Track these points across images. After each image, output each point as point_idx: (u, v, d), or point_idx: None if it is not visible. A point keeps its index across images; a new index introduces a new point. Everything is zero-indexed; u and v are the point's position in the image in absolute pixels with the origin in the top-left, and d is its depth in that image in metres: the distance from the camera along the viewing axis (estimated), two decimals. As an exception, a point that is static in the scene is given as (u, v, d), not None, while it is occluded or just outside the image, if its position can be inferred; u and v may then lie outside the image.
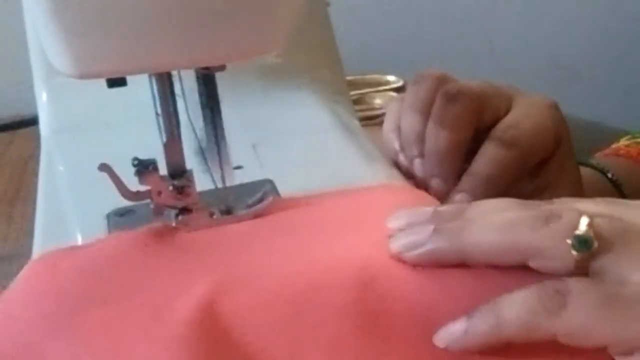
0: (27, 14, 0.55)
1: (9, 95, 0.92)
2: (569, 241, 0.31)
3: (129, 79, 0.37)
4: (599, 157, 0.62)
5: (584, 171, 0.56)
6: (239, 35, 0.35)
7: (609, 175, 0.57)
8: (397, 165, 0.50)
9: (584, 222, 0.32)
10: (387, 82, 0.91)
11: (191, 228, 0.39)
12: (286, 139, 0.50)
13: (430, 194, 0.45)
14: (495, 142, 0.46)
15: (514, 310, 0.31)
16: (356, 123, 0.56)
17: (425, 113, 0.48)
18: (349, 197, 0.41)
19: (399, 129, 0.49)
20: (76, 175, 0.47)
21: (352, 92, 0.72)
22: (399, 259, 0.35)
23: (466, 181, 0.46)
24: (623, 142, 0.64)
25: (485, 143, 0.47)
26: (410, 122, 0.48)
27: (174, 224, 0.39)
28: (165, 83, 0.38)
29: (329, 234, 0.38)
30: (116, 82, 0.37)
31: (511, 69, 1.26)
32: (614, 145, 0.64)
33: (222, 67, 0.38)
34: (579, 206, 0.34)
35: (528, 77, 1.26)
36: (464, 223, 0.34)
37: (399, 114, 0.50)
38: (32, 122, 0.74)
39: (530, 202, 0.35)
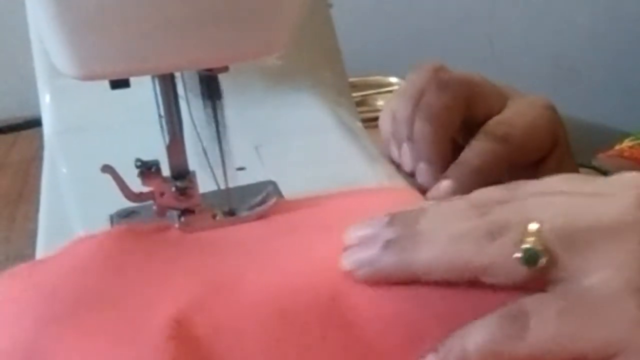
0: (30, 15, 0.55)
1: (13, 97, 0.92)
2: (517, 255, 0.31)
3: (132, 80, 0.37)
4: (602, 159, 0.62)
5: (586, 173, 0.56)
6: (241, 37, 0.35)
7: None
8: (388, 157, 0.49)
9: (531, 234, 0.31)
10: (390, 84, 0.91)
11: (193, 229, 0.39)
12: (289, 140, 0.50)
13: (417, 179, 0.45)
14: (486, 136, 0.46)
15: (479, 341, 0.30)
16: (358, 124, 0.56)
17: (417, 99, 0.47)
18: (351, 199, 0.41)
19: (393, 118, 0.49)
20: (79, 176, 0.47)
21: (355, 94, 0.72)
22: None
23: (454, 169, 0.45)
24: (627, 143, 0.63)
25: (476, 136, 0.46)
26: (402, 107, 0.48)
27: (176, 225, 0.39)
28: (168, 84, 0.38)
29: (330, 235, 0.38)
30: (119, 83, 0.37)
31: (512, 70, 1.26)
32: (617, 147, 0.64)
33: (224, 69, 0.38)
34: (531, 207, 0.33)
35: (529, 77, 1.26)
36: (413, 238, 0.33)
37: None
38: (35, 123, 0.74)
39: (484, 201, 0.34)
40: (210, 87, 0.40)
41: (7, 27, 0.90)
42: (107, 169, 0.38)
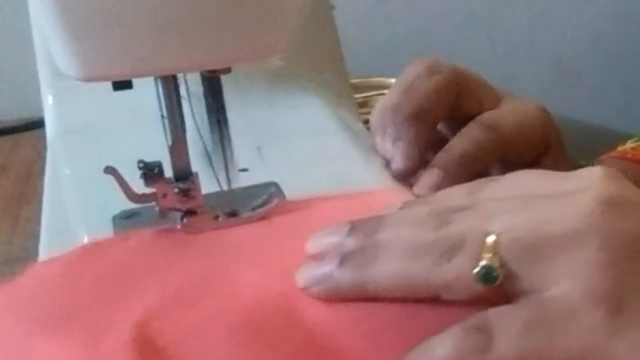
0: (33, 17, 0.56)
1: (15, 98, 0.92)
2: (475, 271, 0.30)
3: (134, 81, 0.37)
4: (606, 160, 0.61)
5: None
6: (244, 38, 0.35)
7: None
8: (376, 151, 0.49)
9: (488, 248, 0.31)
10: (391, 85, 0.91)
11: (196, 230, 0.39)
12: (291, 141, 0.50)
13: (392, 163, 0.45)
14: (475, 124, 0.45)
15: (442, 354, 0.30)
16: (360, 126, 0.56)
17: (405, 88, 0.47)
18: (353, 200, 0.41)
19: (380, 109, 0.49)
20: (82, 177, 0.47)
21: (357, 95, 0.72)
22: None
23: (440, 156, 0.45)
24: (630, 144, 0.63)
25: (465, 127, 0.46)
26: (389, 96, 0.48)
27: (179, 227, 0.39)
28: (170, 86, 0.38)
29: None
30: (122, 84, 0.37)
31: (514, 71, 1.26)
32: (620, 148, 0.63)
33: (227, 70, 0.38)
34: (489, 216, 0.32)
35: (530, 79, 1.27)
36: (370, 254, 0.33)
37: None
38: (38, 124, 0.74)
39: (444, 208, 0.34)
40: (212, 88, 0.41)
41: (10, 28, 0.90)
42: (109, 170, 0.38)
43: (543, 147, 0.48)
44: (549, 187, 0.33)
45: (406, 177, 0.46)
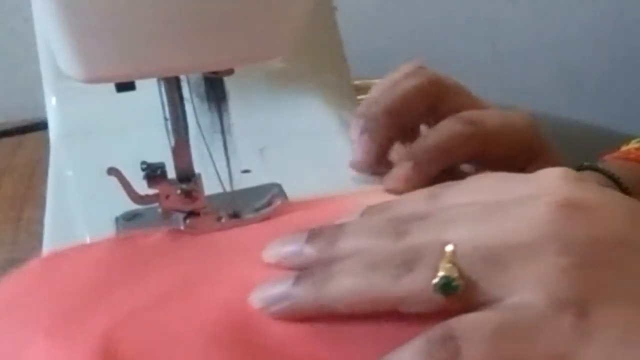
0: (36, 18, 0.56)
1: (18, 100, 0.93)
2: (434, 283, 0.30)
3: (137, 83, 0.37)
4: (609, 160, 0.61)
5: (593, 177, 0.55)
6: (247, 39, 0.35)
7: (620, 182, 0.56)
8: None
9: (446, 259, 0.30)
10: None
11: (198, 231, 0.40)
12: (293, 143, 0.50)
13: (353, 152, 0.44)
14: (453, 118, 0.44)
15: None
16: (363, 127, 0.56)
17: (387, 87, 0.46)
18: (355, 201, 0.41)
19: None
20: (85, 179, 0.47)
21: (359, 97, 0.72)
22: None
23: (412, 147, 0.44)
24: (633, 144, 0.63)
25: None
26: (369, 96, 0.47)
27: (182, 228, 0.40)
28: (173, 87, 0.38)
29: None
30: (125, 86, 0.37)
31: (515, 74, 1.27)
32: (623, 148, 0.63)
33: (230, 71, 0.38)
34: (448, 224, 0.32)
35: (532, 81, 1.27)
36: (326, 270, 0.32)
37: None
38: (41, 126, 0.74)
39: (403, 217, 0.33)
40: (215, 89, 0.41)
41: (13, 29, 0.90)
42: (112, 171, 0.38)
43: (530, 151, 0.46)
44: (509, 191, 0.33)
45: (364, 171, 0.45)
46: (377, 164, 0.45)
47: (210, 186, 0.41)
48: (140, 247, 0.38)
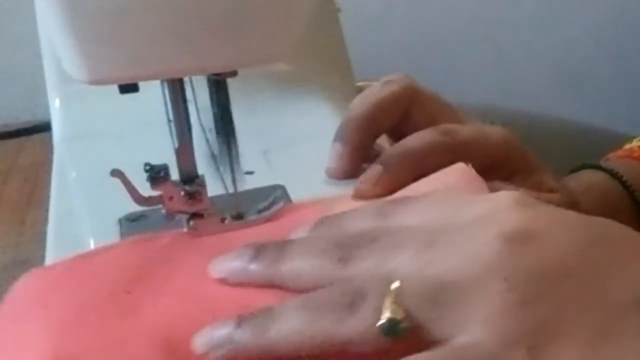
0: (40, 20, 0.56)
1: (22, 102, 0.93)
2: (379, 323, 0.29)
3: (141, 85, 0.37)
4: (613, 159, 0.61)
5: (597, 177, 0.55)
6: (250, 42, 0.35)
7: (624, 180, 0.56)
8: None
9: (391, 298, 0.29)
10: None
11: (202, 233, 0.40)
12: (297, 144, 0.50)
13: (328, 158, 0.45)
14: (429, 129, 0.44)
15: None
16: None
17: (362, 97, 0.46)
18: (357, 202, 0.41)
19: None
20: (88, 180, 0.47)
21: (363, 98, 0.72)
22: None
23: (385, 152, 0.43)
24: (636, 142, 0.63)
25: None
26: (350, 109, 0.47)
27: (185, 229, 0.40)
28: (177, 89, 0.38)
29: None
30: (128, 88, 0.37)
31: (519, 75, 1.27)
32: (627, 146, 0.63)
33: (233, 73, 0.38)
34: (393, 256, 0.31)
35: (536, 83, 1.27)
36: (269, 315, 0.31)
37: None
38: (45, 128, 0.74)
39: (348, 240, 0.33)
40: (218, 91, 0.41)
41: (17, 32, 0.90)
42: (116, 173, 0.38)
43: (509, 166, 0.46)
44: (458, 215, 0.32)
45: (338, 177, 0.45)
46: (354, 171, 0.45)
47: (213, 188, 0.41)
48: (158, 247, 0.38)
